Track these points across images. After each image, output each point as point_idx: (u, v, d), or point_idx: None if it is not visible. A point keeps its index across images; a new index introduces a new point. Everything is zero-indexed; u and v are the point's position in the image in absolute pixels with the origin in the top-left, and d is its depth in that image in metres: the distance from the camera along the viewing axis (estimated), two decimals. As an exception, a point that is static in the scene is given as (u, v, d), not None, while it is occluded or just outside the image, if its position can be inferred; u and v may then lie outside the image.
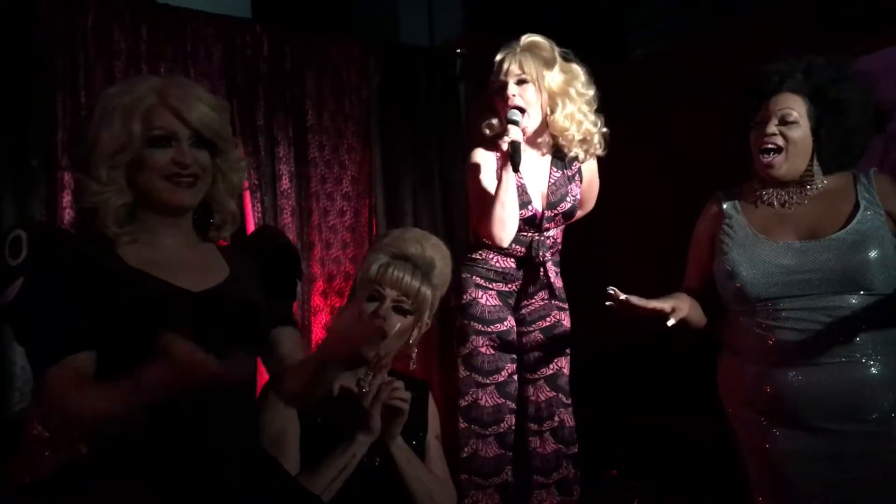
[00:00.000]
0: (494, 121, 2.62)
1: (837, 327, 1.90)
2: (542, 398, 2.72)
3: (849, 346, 1.90)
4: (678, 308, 1.96)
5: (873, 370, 1.89)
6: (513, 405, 2.67)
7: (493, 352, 2.64)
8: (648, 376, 3.43)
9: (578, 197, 2.69)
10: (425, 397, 2.02)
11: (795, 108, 1.98)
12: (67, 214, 3.00)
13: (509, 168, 2.45)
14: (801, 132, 1.99)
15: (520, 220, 2.55)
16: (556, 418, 2.72)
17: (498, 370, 2.64)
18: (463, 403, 2.64)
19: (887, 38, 2.82)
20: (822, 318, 1.92)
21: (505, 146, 2.45)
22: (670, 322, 1.94)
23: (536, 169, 2.65)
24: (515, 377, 2.69)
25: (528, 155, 2.58)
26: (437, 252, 1.91)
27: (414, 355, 1.96)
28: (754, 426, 2.02)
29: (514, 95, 2.51)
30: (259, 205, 3.53)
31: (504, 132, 2.50)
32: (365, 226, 3.91)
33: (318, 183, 3.75)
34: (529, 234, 2.64)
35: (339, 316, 2.04)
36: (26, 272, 1.35)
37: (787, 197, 2.05)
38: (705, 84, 3.19)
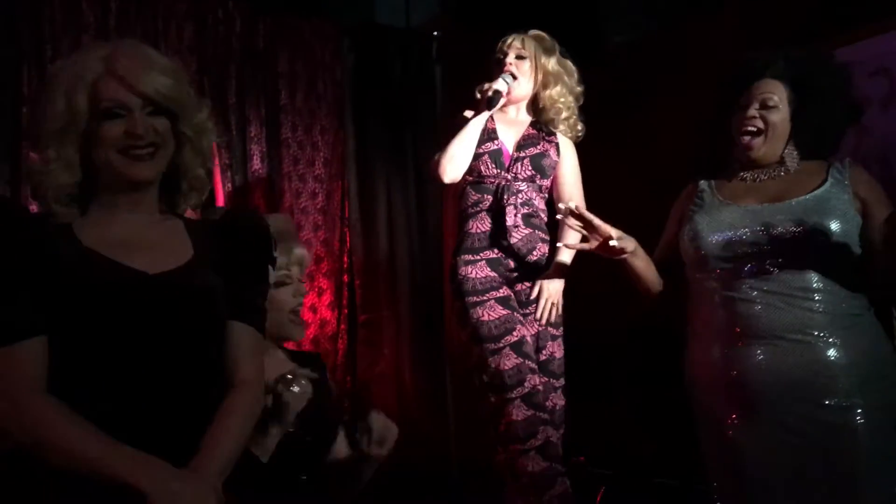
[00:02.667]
0: (486, 84, 2.72)
1: (794, 301, 1.93)
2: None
3: (807, 325, 1.92)
4: (627, 243, 2.09)
5: (831, 352, 1.91)
6: (534, 364, 2.63)
7: (497, 315, 2.62)
8: (617, 365, 3.45)
9: (553, 157, 2.77)
10: (324, 371, 2.02)
11: (776, 93, 2.04)
12: (32, 192, 2.94)
13: (480, 115, 2.64)
14: (781, 116, 2.04)
15: (486, 154, 2.69)
16: (549, 403, 2.69)
17: (508, 331, 2.61)
18: (484, 378, 2.61)
19: (861, 32, 2.85)
20: (780, 289, 1.94)
21: (489, 92, 2.62)
22: (612, 242, 2.06)
23: (514, 125, 2.80)
24: (528, 337, 2.66)
25: (508, 115, 2.80)
26: (285, 217, 1.97)
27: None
28: (715, 414, 2.04)
29: (511, 63, 2.71)
30: (230, 185, 3.49)
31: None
32: (337, 208, 3.88)
33: (290, 164, 3.71)
34: (497, 179, 2.70)
35: None
36: None
37: (760, 174, 2.10)
38: (683, 72, 3.19)
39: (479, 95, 2.72)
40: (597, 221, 2.10)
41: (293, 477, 1.77)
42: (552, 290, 2.71)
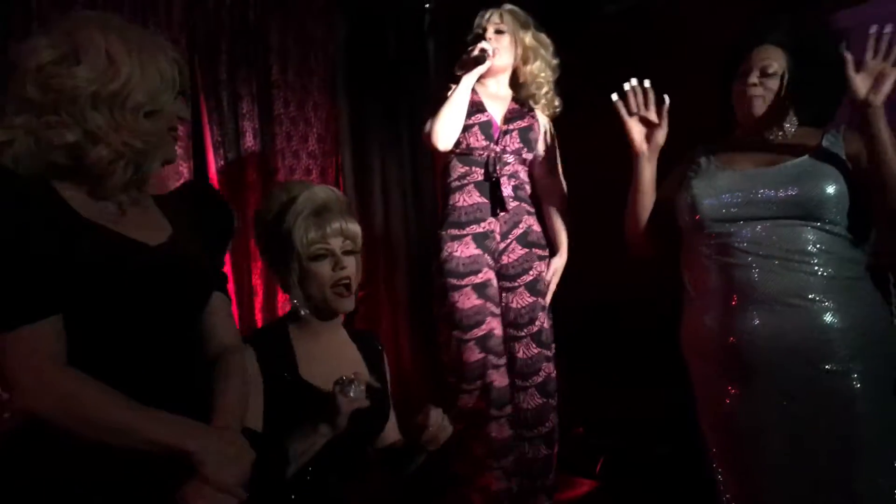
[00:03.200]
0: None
1: (791, 265, 1.94)
2: (529, 354, 2.78)
3: (804, 289, 1.93)
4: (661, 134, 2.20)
5: (828, 317, 1.91)
6: (496, 360, 2.71)
7: (469, 305, 2.68)
8: (617, 336, 3.45)
9: (538, 130, 2.83)
10: (381, 352, 2.03)
11: (775, 59, 2.05)
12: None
13: (471, 72, 2.67)
14: (780, 83, 2.05)
15: (476, 125, 2.71)
16: (542, 373, 2.79)
17: (477, 324, 2.68)
18: (445, 359, 2.69)
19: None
20: (776, 253, 1.95)
21: (475, 52, 2.67)
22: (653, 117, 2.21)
23: (497, 98, 2.83)
24: (498, 332, 2.72)
25: (489, 89, 2.83)
26: (335, 190, 1.91)
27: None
28: (712, 381, 2.05)
29: (490, 38, 2.76)
30: (222, 162, 3.45)
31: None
32: (332, 184, 3.84)
33: (283, 140, 3.66)
34: (486, 152, 2.72)
35: None
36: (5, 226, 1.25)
37: (757, 138, 2.11)
38: (679, 41, 3.16)
39: (464, 60, 2.74)
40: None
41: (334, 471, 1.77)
42: (558, 269, 2.82)
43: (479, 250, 2.71)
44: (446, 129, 2.64)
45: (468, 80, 2.67)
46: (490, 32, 2.77)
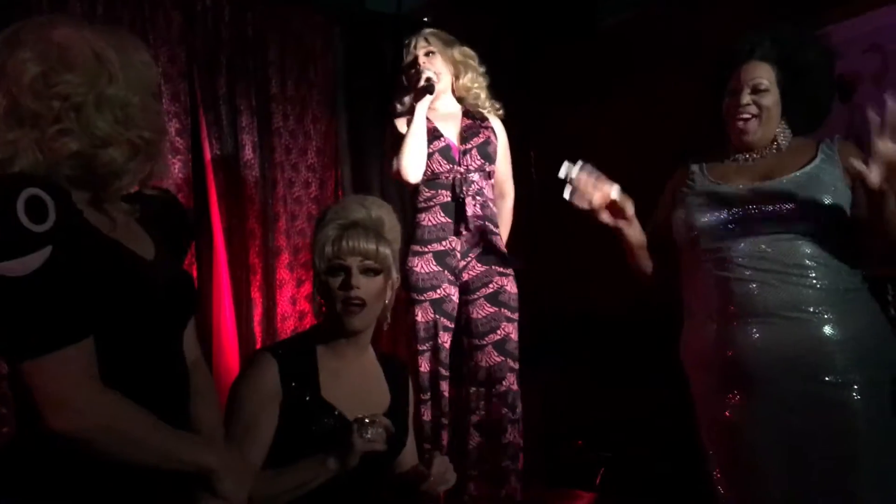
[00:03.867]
0: (407, 98, 2.92)
1: (788, 279, 1.93)
2: (491, 363, 2.84)
3: (803, 302, 1.91)
4: (627, 204, 2.06)
5: (827, 329, 1.90)
6: (445, 372, 2.83)
7: (425, 320, 2.80)
8: (616, 345, 3.45)
9: (494, 141, 2.93)
10: (406, 375, 2.04)
11: (765, 76, 2.05)
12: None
13: (422, 101, 2.76)
14: (773, 99, 2.05)
15: (436, 152, 2.81)
16: (504, 383, 2.83)
17: (431, 337, 2.81)
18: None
19: (852, 9, 2.84)
20: (774, 268, 1.94)
21: (422, 82, 2.76)
22: (614, 195, 2.03)
23: (448, 120, 2.94)
24: (447, 345, 2.84)
25: (439, 111, 2.93)
26: (381, 209, 1.92)
27: (388, 315, 1.95)
28: (714, 395, 2.04)
29: (423, 62, 2.88)
30: (222, 175, 3.46)
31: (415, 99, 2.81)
32: (331, 197, 3.85)
33: (282, 153, 3.68)
34: (450, 174, 2.82)
35: None
36: (55, 241, 1.19)
37: (753, 154, 2.10)
38: (678, 53, 3.18)
39: (399, 107, 2.92)
40: (602, 178, 2.05)
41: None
42: None
43: (438, 267, 2.82)
44: (413, 162, 2.76)
45: (420, 109, 2.78)
46: (421, 57, 2.89)
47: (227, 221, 3.46)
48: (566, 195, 2.03)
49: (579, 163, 2.04)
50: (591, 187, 2.04)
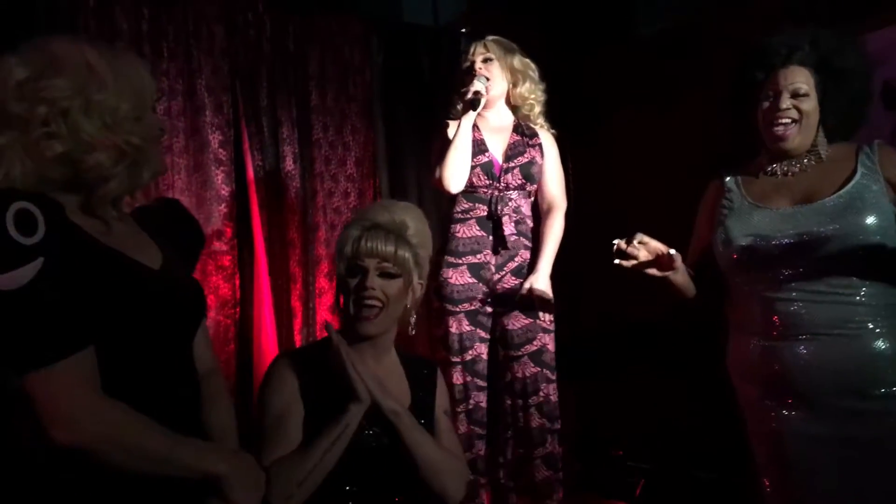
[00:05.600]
0: (455, 108, 2.90)
1: (837, 297, 1.89)
2: (527, 374, 2.82)
3: (852, 318, 1.88)
4: (677, 257, 1.98)
5: (879, 343, 1.87)
6: (482, 383, 2.82)
7: (461, 331, 2.80)
8: (658, 355, 3.42)
9: (539, 162, 2.90)
10: (434, 376, 2.02)
11: (805, 80, 1.99)
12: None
13: (469, 114, 2.75)
14: (812, 104, 2.00)
15: (478, 166, 2.80)
16: (541, 394, 2.82)
17: (465, 349, 2.79)
18: None
19: (893, 16, 2.79)
20: (821, 288, 1.90)
21: (469, 95, 2.74)
22: (671, 251, 1.96)
23: (498, 132, 2.92)
24: (485, 356, 2.82)
25: (490, 122, 2.92)
26: (406, 213, 1.91)
27: (413, 321, 1.95)
28: (761, 406, 2.01)
29: (480, 68, 2.87)
30: (263, 186, 3.52)
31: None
32: (369, 207, 3.89)
33: (322, 164, 3.73)
34: (489, 190, 2.81)
35: None
36: (45, 252, 1.20)
37: (791, 166, 2.05)
38: (715, 63, 3.15)
39: (460, 103, 2.85)
40: (653, 243, 2.00)
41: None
42: (542, 288, 2.80)
43: (473, 279, 2.81)
44: (455, 173, 2.76)
45: (467, 122, 2.77)
46: (479, 63, 2.87)
47: (268, 231, 3.51)
48: (616, 260, 2.00)
49: (638, 236, 1.98)
50: (642, 253, 1.99)
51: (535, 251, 2.87)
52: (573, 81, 3.77)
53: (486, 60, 2.89)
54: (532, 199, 2.93)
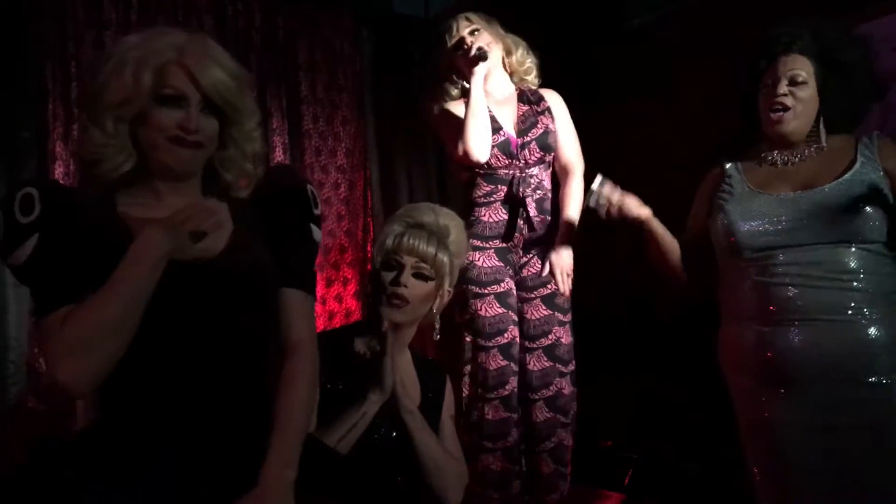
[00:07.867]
0: (453, 89, 2.82)
1: (833, 283, 1.90)
2: (537, 367, 2.75)
3: (846, 305, 1.89)
4: (653, 221, 2.13)
5: (873, 330, 1.88)
6: (515, 367, 2.70)
7: (493, 314, 2.68)
8: (646, 346, 3.43)
9: (553, 129, 2.78)
10: (443, 381, 2.04)
11: (804, 68, 2.01)
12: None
13: (478, 70, 2.62)
14: (810, 92, 2.01)
15: (495, 147, 2.67)
16: (553, 387, 2.75)
17: (500, 332, 2.67)
18: (468, 369, 2.68)
19: (886, 7, 2.80)
20: (816, 273, 1.91)
21: (473, 51, 2.62)
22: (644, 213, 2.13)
23: (504, 104, 2.80)
24: (518, 339, 2.71)
25: (493, 95, 2.78)
26: (450, 220, 1.94)
27: (437, 325, 1.98)
28: (752, 395, 2.02)
29: (471, 40, 2.71)
30: (253, 177, 3.51)
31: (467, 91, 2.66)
32: (360, 198, 3.89)
33: (312, 155, 3.73)
34: (510, 169, 2.71)
35: None
36: (41, 229, 1.33)
37: (790, 156, 2.07)
38: (707, 53, 3.16)
39: (454, 91, 2.79)
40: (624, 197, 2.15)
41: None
42: (563, 263, 2.72)
43: (501, 262, 2.72)
44: (479, 140, 2.63)
45: (477, 80, 2.64)
46: (467, 36, 2.73)
47: (258, 222, 3.50)
48: (591, 203, 2.15)
49: (599, 177, 2.15)
50: (613, 197, 2.13)
51: (555, 225, 2.78)
52: (564, 73, 3.77)
53: (473, 32, 2.75)
54: (551, 168, 2.85)
